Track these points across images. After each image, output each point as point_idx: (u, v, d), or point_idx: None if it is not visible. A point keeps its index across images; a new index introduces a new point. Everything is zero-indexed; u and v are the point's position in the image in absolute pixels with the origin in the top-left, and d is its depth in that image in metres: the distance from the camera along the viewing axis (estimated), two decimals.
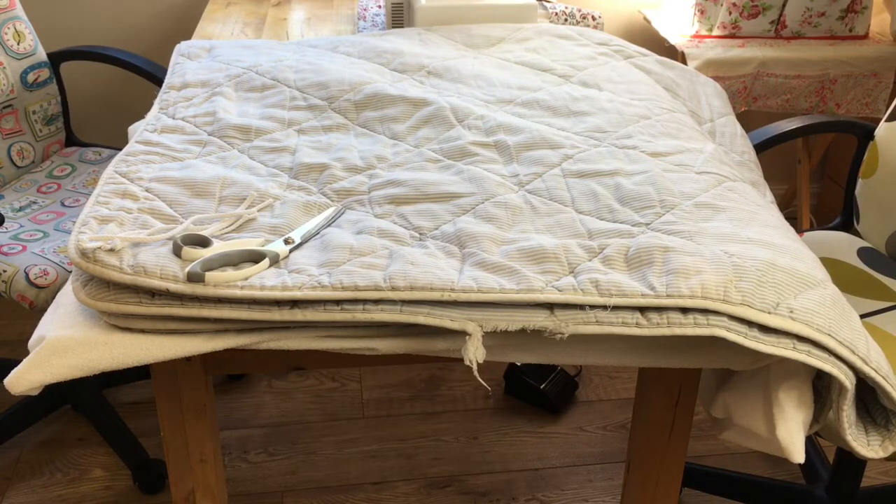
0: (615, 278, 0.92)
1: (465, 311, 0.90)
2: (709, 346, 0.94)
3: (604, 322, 0.90)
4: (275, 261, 0.96)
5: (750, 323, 0.89)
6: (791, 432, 0.92)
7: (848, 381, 0.89)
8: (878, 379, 0.90)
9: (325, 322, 0.91)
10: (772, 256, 0.96)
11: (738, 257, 0.95)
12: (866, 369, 0.89)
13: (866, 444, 0.95)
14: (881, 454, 0.95)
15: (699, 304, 0.89)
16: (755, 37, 2.11)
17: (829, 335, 0.89)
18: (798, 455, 0.92)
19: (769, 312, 0.89)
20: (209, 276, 0.90)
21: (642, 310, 0.90)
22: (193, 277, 0.90)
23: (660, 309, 0.90)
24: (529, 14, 1.71)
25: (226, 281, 0.91)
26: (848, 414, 0.92)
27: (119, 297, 0.91)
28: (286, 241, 0.99)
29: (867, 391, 0.95)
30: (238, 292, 0.90)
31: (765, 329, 0.89)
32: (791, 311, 0.89)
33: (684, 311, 0.90)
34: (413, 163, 1.18)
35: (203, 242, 0.97)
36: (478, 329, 0.90)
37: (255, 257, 0.96)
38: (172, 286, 0.90)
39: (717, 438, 1.07)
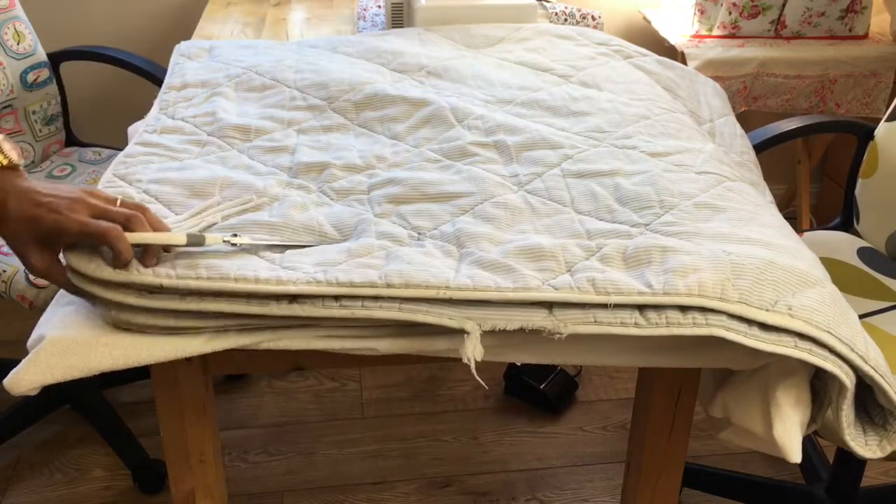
0: (612, 276, 0.92)
1: (464, 310, 0.90)
2: (708, 345, 0.94)
3: (602, 322, 0.90)
4: (195, 243, 0.94)
5: (749, 322, 0.89)
6: (788, 432, 0.92)
7: (848, 380, 0.89)
8: (877, 377, 0.90)
9: (325, 318, 0.90)
10: (770, 255, 0.96)
11: (737, 256, 0.95)
12: (865, 367, 0.89)
13: (864, 444, 0.95)
14: (879, 454, 0.95)
15: (696, 301, 0.89)
16: (755, 37, 2.11)
17: (828, 332, 0.89)
18: (795, 455, 0.92)
19: (767, 310, 0.89)
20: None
21: (641, 310, 0.90)
22: (194, 239, 0.94)
23: (658, 308, 0.90)
24: (529, 14, 1.71)
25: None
26: (847, 414, 0.92)
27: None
28: (232, 237, 0.98)
29: (866, 391, 0.95)
30: (232, 284, 0.90)
31: (765, 328, 0.89)
32: (790, 309, 0.89)
33: (683, 310, 0.90)
34: (412, 163, 1.18)
35: None
36: (476, 327, 0.89)
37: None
38: (166, 281, 0.89)
39: (717, 438, 1.07)
